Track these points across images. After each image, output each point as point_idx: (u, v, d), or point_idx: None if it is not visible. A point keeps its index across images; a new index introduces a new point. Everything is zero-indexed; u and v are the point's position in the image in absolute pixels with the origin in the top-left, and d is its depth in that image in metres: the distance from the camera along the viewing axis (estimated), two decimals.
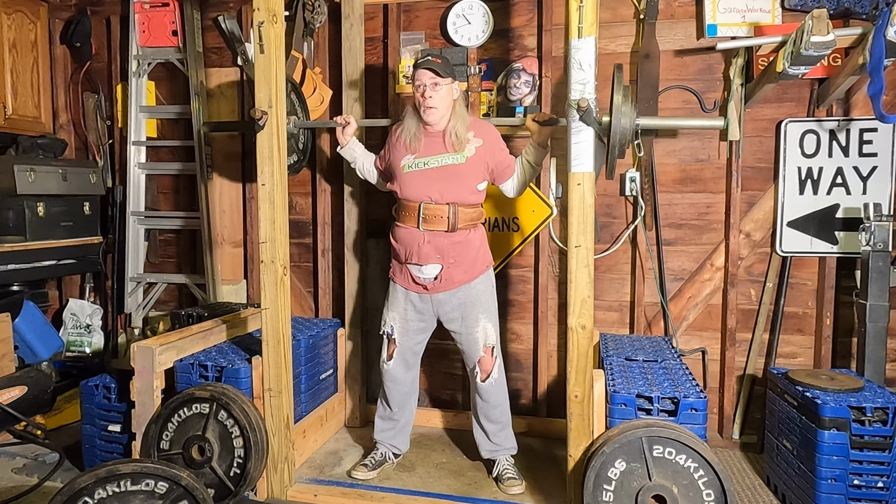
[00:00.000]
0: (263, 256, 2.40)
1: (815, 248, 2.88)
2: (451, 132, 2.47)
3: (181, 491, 1.93)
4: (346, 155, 2.80)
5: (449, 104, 2.48)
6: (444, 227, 2.47)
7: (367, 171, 2.80)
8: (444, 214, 2.47)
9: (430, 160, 2.50)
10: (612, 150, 2.27)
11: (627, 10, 3.01)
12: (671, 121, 2.67)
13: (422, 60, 2.47)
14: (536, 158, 2.53)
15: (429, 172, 2.50)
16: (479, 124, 2.56)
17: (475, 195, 2.54)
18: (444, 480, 2.64)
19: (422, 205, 2.49)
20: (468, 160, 2.48)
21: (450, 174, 2.48)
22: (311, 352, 2.90)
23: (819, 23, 2.19)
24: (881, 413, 2.18)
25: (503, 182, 2.61)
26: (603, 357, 2.63)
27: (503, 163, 2.55)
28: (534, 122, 2.50)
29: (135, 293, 3.72)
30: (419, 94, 2.46)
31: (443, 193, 2.47)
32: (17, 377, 2.99)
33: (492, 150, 2.52)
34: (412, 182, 2.51)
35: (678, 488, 2.04)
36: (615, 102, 2.22)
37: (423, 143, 2.52)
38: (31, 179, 3.26)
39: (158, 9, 3.54)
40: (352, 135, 2.76)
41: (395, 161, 2.57)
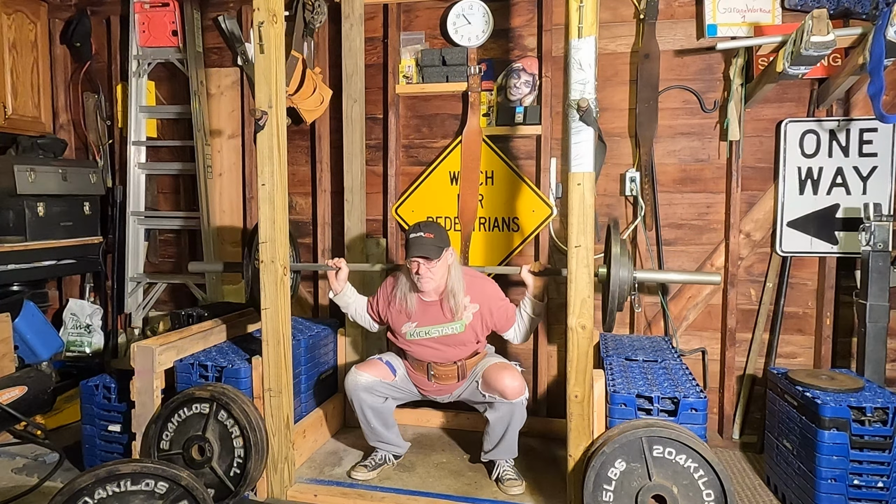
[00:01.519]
0: (263, 256, 2.40)
1: (815, 248, 2.88)
2: (449, 297, 2.50)
3: (181, 491, 1.93)
4: (340, 302, 2.78)
5: (444, 273, 2.50)
6: (454, 380, 2.62)
7: (360, 316, 2.81)
8: (454, 373, 2.60)
9: (430, 330, 2.56)
10: (612, 305, 2.29)
11: (627, 10, 3.01)
12: (668, 275, 2.71)
13: (413, 240, 2.41)
14: (535, 310, 2.57)
15: (431, 341, 2.57)
16: (473, 285, 2.56)
17: (479, 346, 2.63)
18: (444, 480, 2.64)
19: (430, 364, 2.60)
20: (467, 328, 2.54)
21: (451, 341, 2.56)
22: (311, 352, 2.90)
23: (819, 23, 2.19)
24: (881, 413, 2.18)
25: (505, 332, 2.64)
26: (603, 357, 2.63)
27: (502, 318, 2.59)
28: (529, 274, 2.53)
29: (135, 293, 3.72)
30: (414, 271, 2.47)
31: (448, 357, 2.58)
32: (17, 377, 2.99)
33: (489, 310, 2.56)
34: (417, 349, 2.61)
35: (678, 488, 2.04)
36: (613, 253, 2.26)
37: (421, 310, 2.56)
38: (31, 179, 3.26)
39: (158, 9, 3.54)
40: (345, 280, 2.73)
41: (395, 326, 2.63)
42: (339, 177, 3.26)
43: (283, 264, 2.44)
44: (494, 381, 2.46)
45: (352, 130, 3.15)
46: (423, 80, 3.19)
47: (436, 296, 2.55)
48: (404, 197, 3.27)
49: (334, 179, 3.37)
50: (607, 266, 2.30)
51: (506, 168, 3.15)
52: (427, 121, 3.29)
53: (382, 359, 2.67)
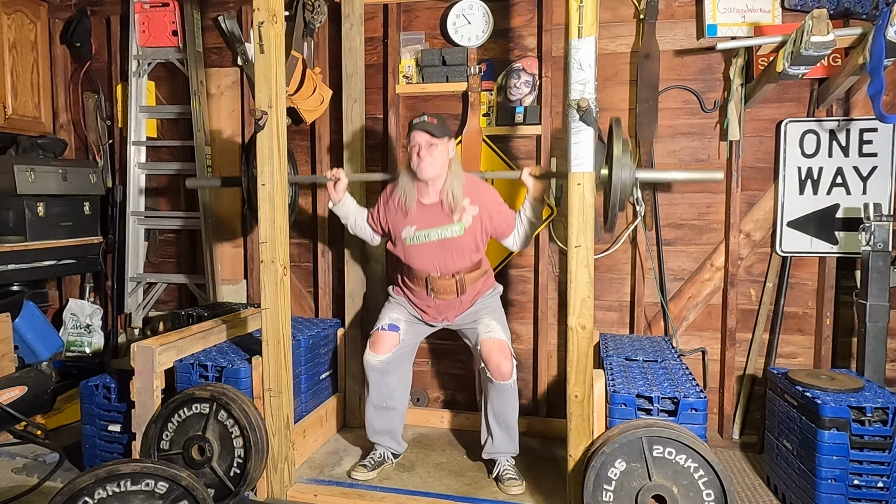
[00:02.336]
0: (263, 256, 2.40)
1: (815, 248, 2.88)
2: (448, 192, 2.50)
3: (181, 491, 1.93)
4: (339, 212, 2.79)
5: (444, 163, 2.50)
6: (453, 295, 2.59)
7: (360, 227, 2.80)
8: (452, 287, 2.58)
9: (430, 233, 2.54)
10: (613, 204, 2.28)
11: (627, 10, 3.01)
12: (670, 174, 2.67)
13: (417, 122, 2.46)
14: (535, 213, 2.55)
15: (430, 245, 2.55)
16: (473, 187, 2.56)
17: (477, 256, 2.61)
18: (444, 480, 2.64)
19: (429, 277, 2.57)
20: (467, 231, 2.52)
21: (450, 246, 2.54)
22: (311, 352, 2.90)
23: (819, 23, 2.19)
24: (881, 413, 2.18)
25: (504, 239, 2.63)
26: (603, 357, 2.63)
27: (502, 223, 2.57)
28: (530, 177, 2.52)
29: (135, 293, 3.72)
30: (415, 154, 2.47)
31: (447, 266, 2.56)
32: (17, 377, 2.99)
33: (489, 214, 2.54)
34: (416, 255, 2.58)
35: (678, 488, 2.04)
36: (615, 154, 2.23)
37: (420, 213, 2.56)
38: (31, 179, 3.26)
39: (158, 9, 3.54)
40: (344, 190, 2.74)
41: (395, 229, 2.62)
42: None
43: (283, 264, 2.44)
44: (487, 358, 2.51)
45: (352, 130, 3.15)
46: (423, 80, 3.19)
47: (435, 196, 2.53)
48: None
49: None
50: (609, 166, 2.25)
51: (506, 168, 3.15)
52: None
53: (385, 326, 2.66)
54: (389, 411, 2.69)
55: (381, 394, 2.66)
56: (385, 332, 2.64)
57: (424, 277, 2.59)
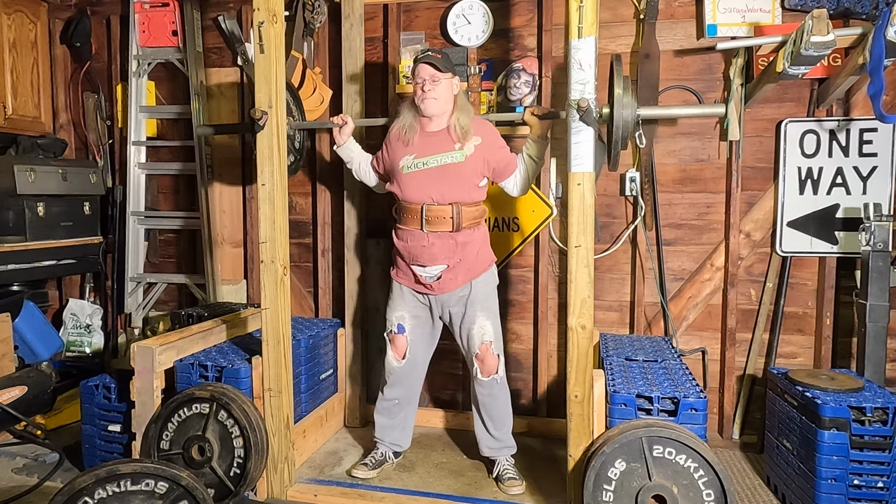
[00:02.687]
0: (263, 256, 2.40)
1: (815, 248, 2.88)
2: (455, 125, 2.46)
3: (181, 491, 1.93)
4: (343, 154, 2.79)
5: (449, 98, 2.48)
6: (448, 228, 2.48)
7: (364, 171, 2.79)
8: (448, 215, 2.47)
9: (429, 160, 2.48)
10: (616, 142, 2.25)
11: (627, 10, 3.01)
12: (672, 110, 2.65)
13: (421, 56, 2.46)
14: (538, 152, 2.51)
15: (429, 172, 2.49)
16: (478, 122, 2.54)
17: (476, 192, 2.53)
18: (444, 480, 2.64)
19: (424, 206, 2.48)
20: (468, 158, 2.47)
21: (450, 173, 2.47)
22: (311, 352, 2.90)
23: (819, 23, 2.19)
24: (881, 413, 2.18)
25: (505, 179, 2.57)
26: (603, 357, 2.63)
27: (504, 159, 2.53)
28: (532, 116, 2.48)
29: (135, 293, 3.72)
30: (419, 88, 2.45)
31: (444, 194, 2.47)
32: (17, 377, 2.99)
33: (491, 147, 2.51)
34: (412, 183, 2.51)
35: (678, 488, 2.04)
36: (616, 93, 2.21)
37: (421, 142, 2.51)
38: (31, 179, 3.26)
39: (158, 9, 3.54)
40: (349, 134, 2.74)
41: (394, 160, 2.56)
42: (338, 177, 3.26)
43: (283, 264, 2.44)
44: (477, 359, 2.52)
45: None
46: None
47: (440, 125, 2.50)
48: None
49: (334, 180, 3.37)
50: (610, 106, 2.24)
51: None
52: None
53: (394, 328, 2.65)
54: (401, 405, 2.70)
55: (394, 391, 2.67)
56: (397, 336, 2.65)
57: (420, 208, 2.48)
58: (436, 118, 2.49)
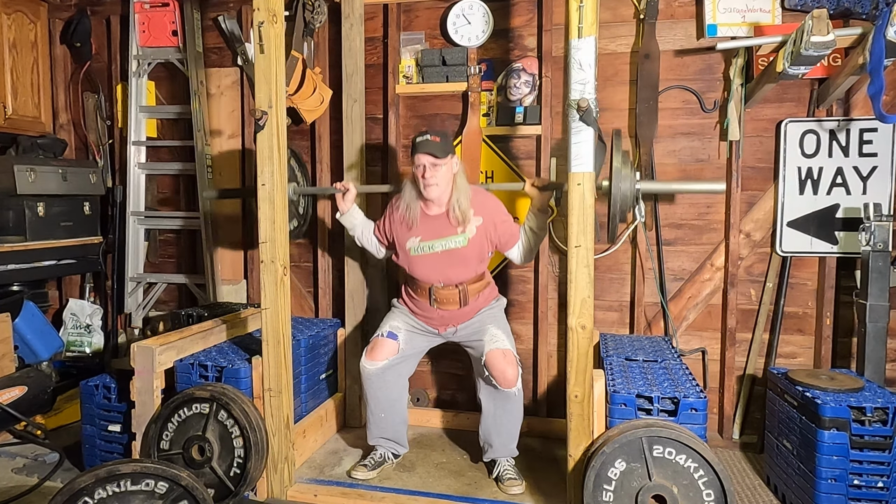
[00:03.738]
0: (263, 256, 2.40)
1: (815, 248, 2.88)
2: (455, 207, 2.50)
3: (181, 491, 1.93)
4: (346, 223, 2.80)
5: (449, 179, 2.51)
6: (456, 306, 2.60)
7: (367, 239, 2.81)
8: (455, 297, 2.58)
9: (434, 244, 2.55)
10: (614, 215, 2.29)
11: (627, 10, 3.01)
12: (671, 185, 2.70)
13: (420, 141, 2.45)
14: (539, 224, 2.55)
15: (434, 256, 2.56)
16: (478, 198, 2.56)
17: (480, 267, 2.62)
18: (444, 480, 2.64)
19: (432, 287, 2.58)
20: (471, 241, 2.53)
21: (455, 258, 2.54)
22: (311, 352, 2.90)
23: (819, 23, 2.19)
24: (881, 413, 2.18)
25: (508, 250, 2.63)
26: (603, 357, 2.63)
27: (506, 234, 2.57)
28: (533, 188, 2.52)
29: (135, 293, 3.72)
30: (419, 174, 2.48)
31: (450, 277, 2.56)
32: (17, 377, 2.99)
33: (493, 224, 2.55)
34: (420, 266, 2.58)
35: (678, 488, 2.04)
36: (614, 166, 2.25)
37: (426, 224, 2.56)
38: (31, 179, 3.26)
39: (158, 9, 3.55)
40: (352, 201, 2.75)
41: (399, 240, 2.63)
42: (339, 176, 3.26)
43: (283, 264, 2.44)
44: (492, 366, 2.47)
45: (352, 130, 3.15)
46: (423, 80, 3.19)
47: (441, 208, 2.54)
48: None
49: (334, 179, 3.37)
50: (609, 179, 2.26)
51: (506, 168, 3.15)
52: (427, 121, 3.29)
53: (383, 333, 2.65)
54: (388, 418, 2.67)
55: (380, 403, 2.64)
56: (383, 340, 2.63)
57: (428, 287, 2.59)
58: (437, 199, 2.53)
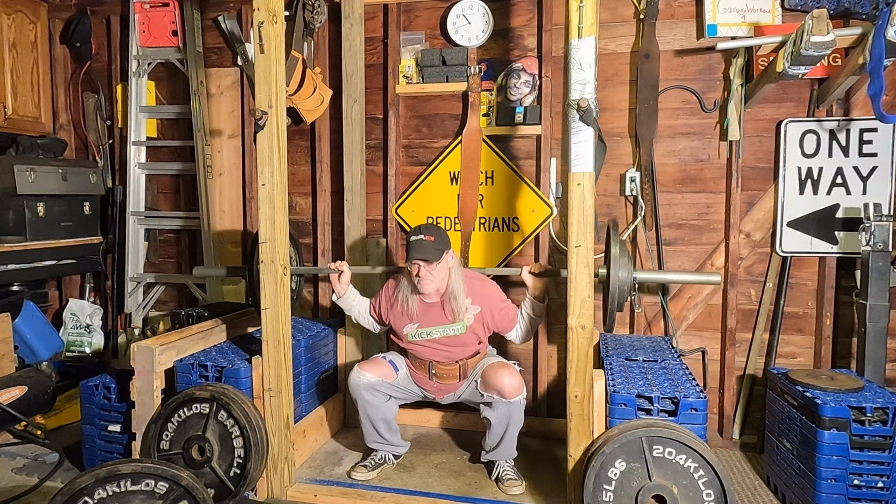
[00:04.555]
0: (263, 256, 2.40)
1: (815, 248, 2.88)
2: (450, 299, 2.52)
3: (181, 491, 1.93)
4: (343, 305, 2.80)
5: (445, 275, 2.52)
6: (455, 380, 2.63)
7: (364, 318, 2.83)
8: (455, 372, 2.61)
9: (432, 331, 2.57)
10: (612, 306, 2.31)
11: (627, 10, 3.01)
12: (668, 275, 2.74)
13: (414, 243, 2.43)
14: (536, 312, 2.57)
15: (433, 342, 2.59)
16: (474, 287, 2.57)
17: (480, 346, 2.65)
18: (444, 480, 2.64)
19: (431, 363, 2.60)
20: (469, 329, 2.56)
21: (453, 342, 2.57)
22: (311, 352, 2.90)
23: (819, 23, 2.19)
24: (881, 413, 2.18)
25: (507, 333, 2.65)
26: (603, 357, 2.63)
27: (504, 320, 2.60)
28: (530, 275, 2.53)
29: (135, 293, 3.72)
30: (414, 273, 2.49)
31: (450, 357, 2.59)
32: (17, 377, 2.99)
33: (490, 312, 2.57)
34: (418, 349, 2.62)
35: (678, 488, 2.04)
36: (612, 254, 2.28)
37: (423, 312, 2.58)
38: (31, 179, 3.26)
39: (158, 9, 3.55)
40: (348, 283, 2.74)
41: (396, 327, 2.65)
42: (339, 177, 3.26)
43: (283, 264, 2.44)
44: (493, 380, 2.47)
45: (352, 130, 3.15)
46: (423, 80, 3.19)
47: (437, 297, 2.56)
48: (404, 197, 3.27)
49: (334, 179, 3.37)
50: (607, 267, 2.31)
51: (506, 168, 3.15)
52: (427, 121, 3.29)
53: (385, 357, 2.68)
54: (385, 427, 2.66)
55: (374, 412, 2.61)
56: (384, 362, 2.65)
57: (427, 363, 2.62)
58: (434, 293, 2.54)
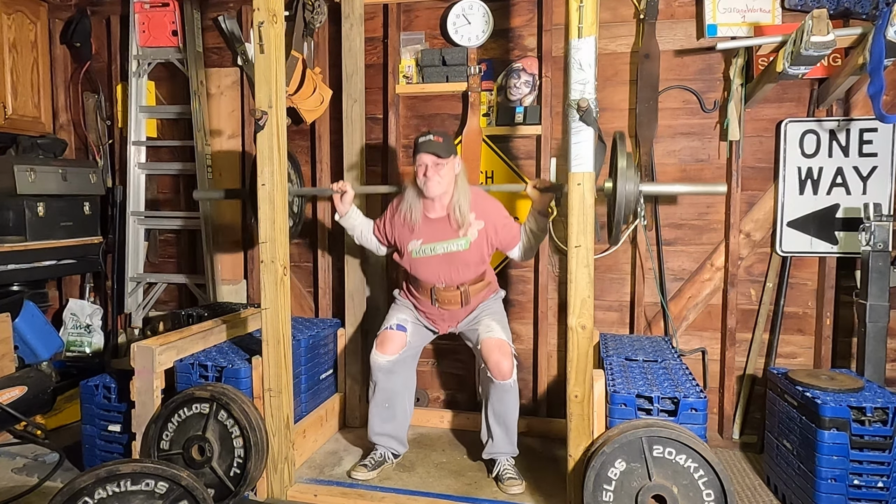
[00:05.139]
0: (263, 256, 2.40)
1: (815, 248, 2.88)
2: (455, 208, 2.51)
3: (181, 491, 1.93)
4: (346, 224, 2.81)
5: (451, 179, 2.52)
6: (457, 306, 2.63)
7: (367, 239, 2.83)
8: (457, 298, 2.61)
9: (436, 246, 2.56)
10: (617, 219, 2.29)
11: (627, 10, 3.01)
12: (674, 187, 2.71)
13: (423, 142, 2.46)
14: (539, 226, 2.56)
15: (436, 258, 2.57)
16: (479, 201, 2.57)
17: (482, 268, 2.64)
18: (444, 480, 2.64)
19: (434, 288, 2.60)
20: (472, 244, 2.54)
21: (456, 260, 2.56)
22: (311, 352, 2.90)
23: (819, 23, 2.19)
24: (881, 413, 2.18)
25: (509, 251, 2.65)
26: (603, 357, 2.63)
27: (507, 236, 2.59)
28: (534, 189, 2.52)
29: (135, 293, 3.72)
30: (421, 173, 2.48)
31: (452, 278, 2.58)
32: (17, 377, 2.99)
33: (494, 228, 2.56)
34: (421, 267, 2.60)
35: (678, 488, 2.04)
36: (619, 167, 2.25)
37: (427, 227, 2.57)
38: (31, 179, 3.26)
39: (158, 9, 3.55)
40: (350, 203, 2.75)
41: (400, 243, 2.65)
42: (339, 176, 3.26)
43: (283, 264, 2.44)
44: (487, 357, 2.51)
45: (352, 130, 3.15)
46: (423, 80, 3.19)
47: (442, 210, 2.55)
48: None
49: (334, 179, 3.37)
50: (613, 180, 2.27)
51: (506, 168, 3.16)
52: (427, 121, 3.29)
53: (392, 326, 2.66)
54: (393, 412, 2.68)
55: (386, 394, 2.65)
56: (393, 332, 2.65)
57: (429, 288, 2.62)
58: (438, 199, 2.54)
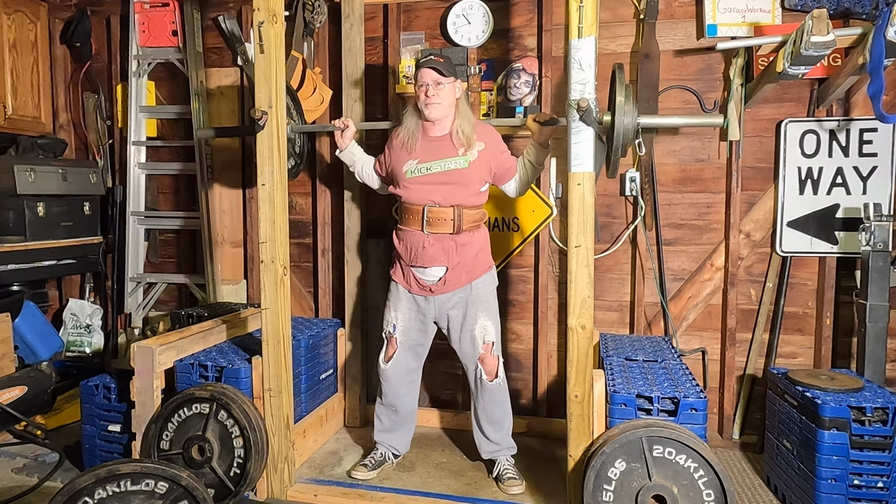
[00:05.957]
0: (263, 256, 2.40)
1: (815, 248, 2.88)
2: (458, 131, 2.48)
3: (181, 491, 1.93)
4: (346, 158, 2.80)
5: (451, 102, 2.49)
6: (449, 230, 2.49)
7: (367, 174, 2.80)
8: (449, 217, 2.48)
9: (432, 165, 2.50)
10: (616, 149, 2.26)
11: (627, 10, 3.01)
12: (671, 119, 2.67)
13: (424, 59, 2.47)
14: (538, 158, 2.53)
15: (432, 177, 2.50)
16: (480, 127, 2.55)
17: (478, 197, 2.55)
18: (444, 480, 2.64)
19: (426, 208, 2.49)
20: (471, 164, 2.48)
21: (453, 178, 2.49)
22: (311, 352, 2.90)
23: (819, 23, 2.19)
24: (881, 413, 2.18)
25: (505, 183, 2.61)
26: (603, 357, 2.63)
27: (505, 164, 2.56)
28: (534, 122, 2.49)
29: (135, 293, 3.72)
30: (422, 93, 2.46)
31: (447, 197, 2.48)
32: (17, 377, 2.99)
33: (493, 153, 2.53)
34: (415, 187, 2.52)
35: (678, 488, 2.04)
36: (618, 101, 2.22)
37: (424, 147, 2.53)
38: (31, 179, 3.26)
39: (158, 9, 3.55)
40: (351, 138, 2.75)
41: (396, 166, 2.57)
42: (339, 177, 3.26)
43: (283, 264, 2.44)
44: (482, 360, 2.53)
45: None
46: None
47: (442, 130, 2.52)
48: None
49: (335, 179, 3.37)
50: (612, 113, 2.24)
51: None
52: None
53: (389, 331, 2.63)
54: (396, 413, 2.69)
55: (387, 397, 2.68)
56: (390, 337, 2.65)
57: (421, 209, 2.49)
58: (439, 123, 2.50)
